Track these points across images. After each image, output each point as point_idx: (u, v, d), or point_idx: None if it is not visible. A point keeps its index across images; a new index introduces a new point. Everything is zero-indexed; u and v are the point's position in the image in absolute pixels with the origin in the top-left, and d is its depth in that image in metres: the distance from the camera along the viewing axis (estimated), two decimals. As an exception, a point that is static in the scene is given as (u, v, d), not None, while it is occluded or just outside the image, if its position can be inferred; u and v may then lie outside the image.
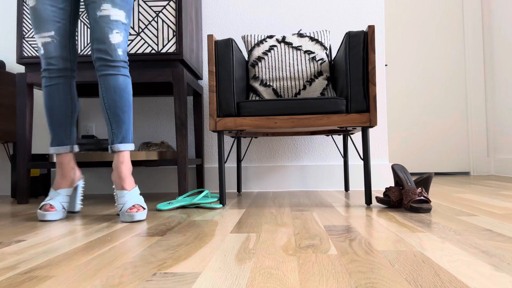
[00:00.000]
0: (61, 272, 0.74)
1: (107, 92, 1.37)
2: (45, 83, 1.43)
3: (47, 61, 1.40)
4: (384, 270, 0.71)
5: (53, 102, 1.42)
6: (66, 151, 1.46)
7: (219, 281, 0.67)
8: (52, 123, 1.44)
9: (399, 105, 3.73)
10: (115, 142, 1.40)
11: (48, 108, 1.43)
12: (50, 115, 1.44)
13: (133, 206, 1.32)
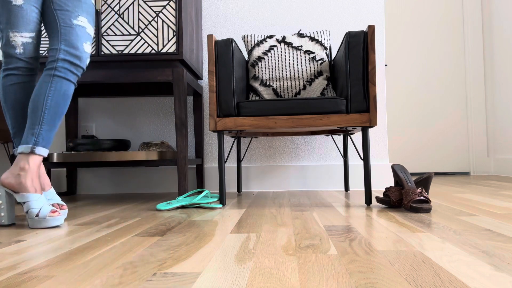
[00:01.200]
0: (61, 272, 0.74)
1: (55, 94, 1.34)
2: (15, 80, 1.40)
3: (24, 60, 1.39)
4: (384, 270, 0.71)
5: (24, 99, 1.42)
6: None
7: (219, 281, 0.67)
8: (22, 120, 1.42)
9: (399, 105, 3.73)
10: (40, 145, 1.31)
11: (19, 105, 1.40)
12: (21, 111, 1.41)
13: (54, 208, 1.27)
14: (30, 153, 1.29)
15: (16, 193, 1.27)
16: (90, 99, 2.46)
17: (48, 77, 1.35)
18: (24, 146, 1.29)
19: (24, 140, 1.31)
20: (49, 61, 1.36)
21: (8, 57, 1.38)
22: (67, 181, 2.37)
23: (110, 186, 2.43)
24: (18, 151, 1.31)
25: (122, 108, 2.45)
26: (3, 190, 1.28)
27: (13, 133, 1.42)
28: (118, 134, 2.45)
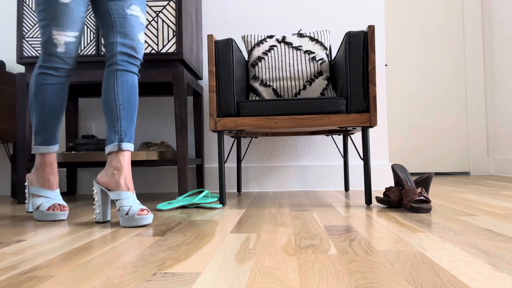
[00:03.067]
0: (61, 272, 0.74)
1: (123, 88, 1.34)
2: (51, 80, 1.36)
3: (64, 60, 1.36)
4: (384, 270, 0.71)
5: (56, 100, 1.39)
6: (57, 149, 1.45)
7: (219, 281, 0.67)
8: (51, 120, 1.39)
9: (399, 105, 3.73)
10: (125, 140, 1.34)
11: (49, 105, 1.37)
12: (50, 112, 1.38)
13: (142, 208, 1.26)
14: (118, 150, 1.32)
15: (110, 191, 1.29)
16: (90, 99, 2.46)
17: (112, 73, 1.35)
18: (111, 145, 1.33)
19: (109, 139, 1.33)
20: (108, 56, 1.35)
21: (48, 54, 1.34)
22: (67, 181, 2.36)
23: (110, 186, 2.43)
24: (107, 151, 1.33)
25: (122, 108, 2.45)
26: (98, 187, 1.31)
27: (35, 130, 1.39)
28: (118, 134, 2.45)
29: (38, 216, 1.36)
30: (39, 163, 1.40)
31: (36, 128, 1.39)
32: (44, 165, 1.39)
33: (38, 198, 1.38)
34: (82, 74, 1.87)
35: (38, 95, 1.37)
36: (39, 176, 1.40)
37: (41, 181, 1.39)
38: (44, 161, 1.39)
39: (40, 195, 1.38)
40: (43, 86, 1.37)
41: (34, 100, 1.37)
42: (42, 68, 1.36)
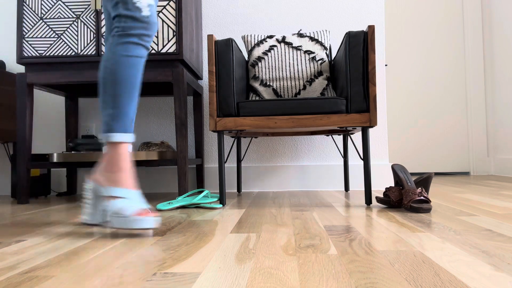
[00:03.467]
0: (61, 272, 0.74)
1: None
2: (134, 52, 1.16)
3: (150, 25, 1.17)
4: (384, 270, 0.71)
5: (137, 77, 1.19)
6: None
7: (219, 281, 0.67)
8: (132, 101, 1.18)
9: (399, 105, 3.73)
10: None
11: (131, 83, 1.16)
12: (132, 91, 1.17)
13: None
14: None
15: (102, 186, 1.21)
16: (90, 99, 2.46)
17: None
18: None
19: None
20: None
21: (132, 20, 1.14)
22: (67, 181, 2.36)
23: (110, 186, 2.43)
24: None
25: (122, 108, 2.45)
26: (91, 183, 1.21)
27: (112, 114, 1.16)
28: (118, 134, 2.45)
29: (116, 222, 1.10)
30: (114, 158, 1.16)
31: (114, 111, 1.15)
32: (122, 159, 1.16)
33: (112, 200, 1.14)
34: (82, 74, 1.87)
35: (121, 69, 1.15)
36: (113, 174, 1.15)
37: (115, 180, 1.16)
38: (122, 154, 1.17)
39: (119, 196, 1.14)
40: (126, 59, 1.15)
41: (113, 76, 1.15)
42: (124, 36, 1.15)
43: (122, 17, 1.15)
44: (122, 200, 1.11)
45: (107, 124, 1.15)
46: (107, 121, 1.16)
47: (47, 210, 1.65)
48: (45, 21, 1.89)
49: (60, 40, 1.88)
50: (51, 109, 2.46)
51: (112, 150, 1.15)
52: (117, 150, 1.15)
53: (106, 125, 1.16)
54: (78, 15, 1.87)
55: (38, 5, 1.89)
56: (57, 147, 2.45)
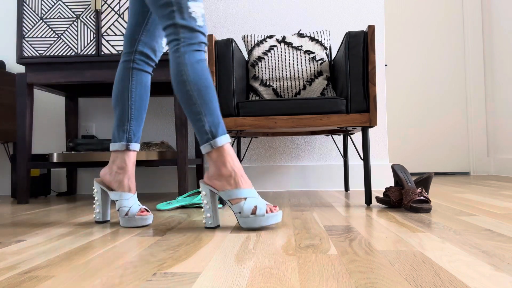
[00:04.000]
0: (61, 272, 0.74)
1: (137, 87, 1.30)
2: (204, 57, 1.19)
3: (204, 34, 1.20)
4: (384, 270, 0.71)
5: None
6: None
7: (219, 281, 0.67)
8: (217, 102, 1.19)
9: (399, 105, 3.73)
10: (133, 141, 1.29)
11: (211, 83, 1.18)
12: (214, 91, 1.18)
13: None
14: (125, 150, 1.27)
15: (111, 190, 1.26)
16: (90, 99, 2.46)
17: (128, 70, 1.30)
18: (118, 144, 1.28)
19: (116, 137, 1.28)
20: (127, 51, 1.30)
21: (188, 31, 1.15)
22: (67, 181, 2.37)
23: (110, 186, 2.43)
24: (112, 148, 1.27)
25: (122, 108, 2.45)
26: (99, 187, 1.28)
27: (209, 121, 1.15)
28: (118, 134, 2.45)
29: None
30: (226, 160, 1.15)
31: (211, 118, 1.16)
32: (233, 159, 1.16)
33: (242, 201, 1.13)
34: (82, 74, 1.87)
35: (198, 77, 1.15)
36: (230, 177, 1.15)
37: (234, 182, 1.15)
38: (231, 153, 1.17)
39: (245, 197, 1.14)
40: (198, 65, 1.16)
41: (198, 84, 1.15)
42: (187, 46, 1.15)
43: (179, 27, 1.15)
44: (248, 200, 1.11)
45: (208, 132, 1.14)
46: (207, 130, 1.14)
47: (47, 210, 1.65)
48: (45, 21, 1.89)
49: (60, 40, 1.88)
50: (51, 109, 2.46)
51: (221, 154, 1.14)
52: (225, 151, 1.14)
53: (207, 133, 1.14)
54: (78, 15, 1.87)
55: (38, 5, 1.89)
56: (57, 147, 2.45)
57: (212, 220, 1.15)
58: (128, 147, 1.28)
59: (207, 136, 1.14)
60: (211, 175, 1.15)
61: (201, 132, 1.15)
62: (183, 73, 1.14)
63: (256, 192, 1.15)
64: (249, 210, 1.10)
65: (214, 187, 1.14)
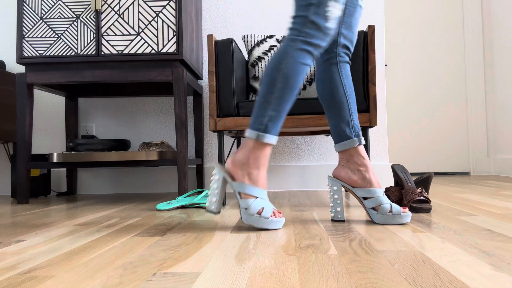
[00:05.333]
0: (61, 272, 0.74)
1: (347, 79, 1.27)
2: (307, 61, 1.15)
3: (327, 40, 1.15)
4: (384, 270, 0.71)
5: (299, 85, 1.19)
6: None
7: (219, 281, 0.67)
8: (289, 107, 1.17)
9: (399, 105, 3.73)
10: (360, 135, 1.25)
11: (296, 89, 1.16)
12: (293, 97, 1.17)
13: None
14: (359, 145, 1.24)
15: (355, 188, 1.22)
16: (90, 99, 2.46)
17: (335, 66, 1.26)
18: (348, 141, 1.24)
19: (342, 135, 1.25)
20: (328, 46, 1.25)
21: (315, 29, 1.10)
22: (67, 181, 2.37)
23: (110, 186, 2.43)
24: (343, 148, 1.23)
25: (122, 108, 2.45)
26: (339, 184, 1.24)
27: (272, 116, 1.13)
28: (118, 134, 2.45)
29: (256, 222, 1.11)
30: (258, 156, 1.14)
31: (275, 114, 1.13)
32: (264, 159, 1.15)
33: (252, 199, 1.12)
34: (82, 74, 1.87)
35: (293, 75, 1.12)
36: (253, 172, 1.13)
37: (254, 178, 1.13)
38: (266, 154, 1.15)
39: (256, 196, 1.12)
40: (300, 66, 1.13)
41: (285, 80, 1.12)
42: (305, 44, 1.12)
43: (308, 21, 1.11)
44: (258, 200, 1.11)
45: (264, 124, 1.12)
46: (264, 121, 1.13)
47: (47, 210, 1.65)
48: (45, 21, 1.89)
49: (60, 40, 1.88)
50: (51, 109, 2.46)
51: (258, 148, 1.13)
52: (264, 150, 1.13)
53: (262, 124, 1.12)
54: (78, 15, 1.87)
55: (38, 5, 1.89)
56: (57, 147, 2.45)
57: (216, 205, 1.14)
58: (360, 141, 1.25)
59: (261, 126, 1.12)
60: (237, 161, 1.14)
61: (257, 118, 1.13)
62: (282, 62, 1.12)
63: (266, 195, 1.15)
64: (255, 209, 1.10)
65: (233, 175, 1.14)
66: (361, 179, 1.22)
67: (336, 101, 1.26)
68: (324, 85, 1.27)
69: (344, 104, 1.26)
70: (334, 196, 1.24)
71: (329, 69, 1.27)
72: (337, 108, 1.26)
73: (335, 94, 1.25)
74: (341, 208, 1.24)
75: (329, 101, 1.27)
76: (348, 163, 1.25)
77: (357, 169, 1.23)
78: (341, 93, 1.25)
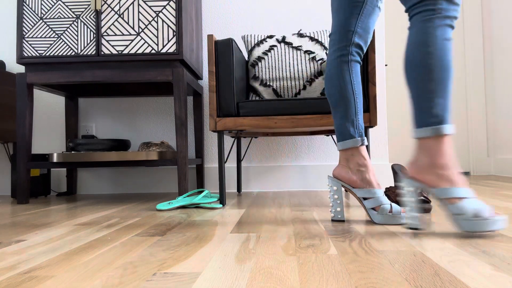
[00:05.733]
0: (61, 272, 0.74)
1: (356, 79, 1.27)
2: (451, 36, 1.12)
3: (460, 7, 1.13)
4: (384, 270, 0.71)
5: None
6: None
7: (219, 281, 0.67)
8: (451, 89, 1.10)
9: (399, 105, 3.73)
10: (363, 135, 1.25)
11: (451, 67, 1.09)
12: (452, 77, 1.10)
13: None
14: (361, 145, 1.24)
15: (354, 188, 1.21)
16: (90, 99, 2.46)
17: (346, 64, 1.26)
18: (351, 141, 1.23)
19: (346, 134, 1.24)
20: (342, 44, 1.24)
21: (449, 3, 1.07)
22: (67, 181, 2.37)
23: (110, 186, 2.43)
24: (346, 146, 1.23)
25: (122, 108, 2.45)
26: (339, 184, 1.23)
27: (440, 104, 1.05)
28: (118, 134, 2.45)
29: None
30: (443, 152, 1.04)
31: (442, 101, 1.06)
32: (450, 153, 1.04)
33: (462, 201, 1.00)
34: (82, 74, 1.87)
35: (444, 54, 1.07)
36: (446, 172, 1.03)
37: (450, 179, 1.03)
38: (449, 148, 1.05)
39: (464, 197, 1.01)
40: (446, 43, 1.07)
41: (441, 62, 1.06)
42: (442, 19, 1.07)
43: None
44: (468, 200, 0.99)
45: (436, 116, 1.03)
46: (434, 112, 1.04)
47: (47, 210, 1.65)
48: (45, 21, 1.89)
49: (60, 40, 1.88)
50: (51, 109, 2.46)
51: (439, 144, 1.03)
52: (445, 143, 1.03)
53: (433, 116, 1.04)
54: (78, 15, 1.87)
55: (38, 5, 1.89)
56: (57, 147, 2.45)
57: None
58: (363, 141, 1.24)
59: (433, 119, 1.03)
60: (421, 166, 1.04)
61: (425, 113, 1.05)
62: (430, 44, 1.05)
63: (472, 191, 1.03)
64: (472, 211, 0.97)
65: (425, 182, 1.03)
66: (361, 180, 1.22)
67: (344, 99, 1.25)
68: (332, 82, 1.27)
69: (351, 103, 1.25)
70: (334, 196, 1.24)
71: (340, 66, 1.26)
72: (343, 106, 1.25)
73: (344, 92, 1.25)
74: (341, 208, 1.23)
75: (336, 98, 1.26)
76: (348, 162, 1.24)
77: (357, 169, 1.23)
78: (349, 92, 1.25)
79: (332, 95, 1.28)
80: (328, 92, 1.30)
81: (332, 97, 1.28)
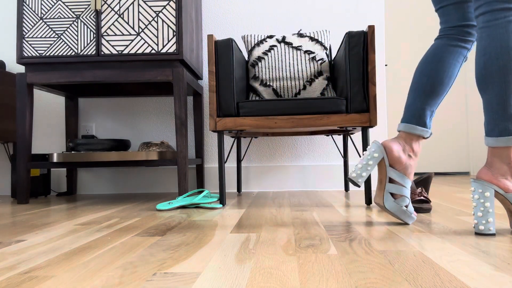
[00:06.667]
0: (61, 272, 0.74)
1: (457, 71, 1.21)
2: None
3: None
4: (384, 270, 0.71)
5: None
6: None
7: (219, 281, 0.67)
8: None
9: (399, 105, 3.73)
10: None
11: None
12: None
13: None
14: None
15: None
16: (90, 99, 2.46)
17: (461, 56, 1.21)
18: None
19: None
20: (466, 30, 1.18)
21: None
22: (67, 181, 2.36)
23: (110, 186, 2.43)
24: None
25: (122, 108, 2.45)
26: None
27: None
28: (118, 134, 2.45)
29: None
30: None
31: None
32: None
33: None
34: (82, 74, 1.87)
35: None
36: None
37: None
38: None
39: None
40: None
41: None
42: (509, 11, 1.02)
43: None
44: None
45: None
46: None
47: (47, 210, 1.65)
48: (45, 21, 1.89)
49: (60, 40, 1.88)
50: (51, 109, 2.46)
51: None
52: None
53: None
54: (78, 15, 1.87)
55: (38, 5, 1.89)
56: (57, 147, 2.45)
57: (493, 226, 0.98)
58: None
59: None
60: (497, 172, 0.99)
61: (507, 117, 0.97)
62: (510, 44, 1.01)
63: None
64: None
65: (502, 188, 0.97)
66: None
67: (441, 86, 1.15)
68: (438, 66, 1.16)
69: (443, 93, 1.16)
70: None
71: (454, 54, 1.17)
72: (435, 93, 1.15)
73: (446, 80, 1.15)
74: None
75: (433, 82, 1.15)
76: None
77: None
78: (450, 83, 1.16)
79: (430, 76, 1.17)
80: (427, 72, 1.18)
81: (429, 78, 1.17)
